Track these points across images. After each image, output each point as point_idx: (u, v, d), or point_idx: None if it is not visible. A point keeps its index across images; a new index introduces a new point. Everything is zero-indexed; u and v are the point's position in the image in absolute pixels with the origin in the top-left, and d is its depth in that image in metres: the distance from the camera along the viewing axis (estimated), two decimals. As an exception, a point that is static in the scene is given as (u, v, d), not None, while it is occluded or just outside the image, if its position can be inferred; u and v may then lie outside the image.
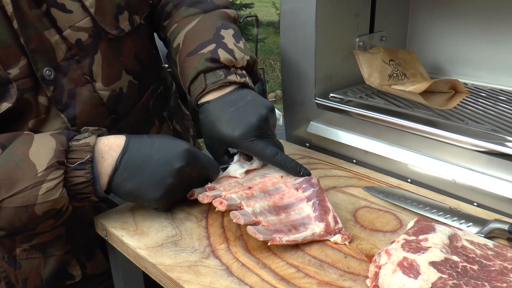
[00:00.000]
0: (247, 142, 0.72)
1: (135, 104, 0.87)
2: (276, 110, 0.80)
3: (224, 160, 0.77)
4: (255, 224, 0.64)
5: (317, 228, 0.66)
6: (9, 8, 0.68)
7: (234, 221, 0.64)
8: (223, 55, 0.77)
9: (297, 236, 0.64)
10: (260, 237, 0.62)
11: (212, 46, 0.78)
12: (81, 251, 0.88)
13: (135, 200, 0.71)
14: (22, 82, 0.71)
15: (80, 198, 0.68)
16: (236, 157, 0.77)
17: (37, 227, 0.67)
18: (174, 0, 0.88)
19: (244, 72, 0.80)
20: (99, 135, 0.70)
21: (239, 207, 0.66)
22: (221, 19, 0.83)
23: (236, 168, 0.75)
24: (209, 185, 0.73)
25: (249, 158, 0.78)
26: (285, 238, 0.63)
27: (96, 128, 0.71)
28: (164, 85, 0.98)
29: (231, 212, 0.64)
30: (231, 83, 0.77)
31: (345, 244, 0.65)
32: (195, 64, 0.78)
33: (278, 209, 0.69)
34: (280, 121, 0.81)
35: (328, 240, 0.66)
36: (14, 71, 0.70)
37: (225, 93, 0.77)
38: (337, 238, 0.66)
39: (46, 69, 0.73)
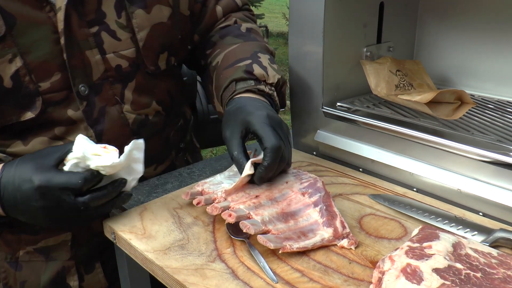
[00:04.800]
0: (263, 123, 0.72)
1: (158, 132, 0.93)
2: None
3: (237, 150, 0.74)
4: (265, 232, 0.65)
5: (325, 233, 0.67)
6: (61, 25, 0.74)
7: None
8: (257, 69, 0.85)
9: (307, 243, 0.65)
10: (271, 246, 0.62)
11: (248, 61, 0.86)
12: (82, 261, 0.89)
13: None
14: (50, 96, 0.77)
15: None
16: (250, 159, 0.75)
17: None
18: (220, 32, 0.96)
19: (273, 88, 0.87)
20: None
21: (247, 217, 0.67)
22: (260, 47, 0.91)
23: (249, 167, 0.72)
24: (219, 197, 0.73)
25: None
26: (296, 245, 0.64)
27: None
28: (183, 118, 1.04)
29: (241, 222, 0.65)
30: (259, 90, 0.83)
31: (350, 250, 0.66)
32: (230, 74, 0.85)
33: (286, 216, 0.69)
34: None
35: (334, 245, 0.67)
36: (44, 85, 0.76)
37: (252, 96, 0.82)
38: (344, 242, 0.67)
39: (81, 85, 0.79)
